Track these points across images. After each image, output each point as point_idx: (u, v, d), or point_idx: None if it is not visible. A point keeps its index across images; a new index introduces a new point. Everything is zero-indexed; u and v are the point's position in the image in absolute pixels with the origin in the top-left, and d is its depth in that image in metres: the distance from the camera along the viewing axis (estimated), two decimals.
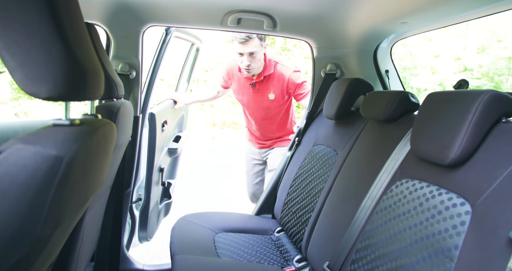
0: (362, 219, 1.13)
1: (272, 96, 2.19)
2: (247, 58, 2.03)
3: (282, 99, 2.21)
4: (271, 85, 2.17)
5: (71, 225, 0.71)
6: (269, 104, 2.23)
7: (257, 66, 2.08)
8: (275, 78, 2.16)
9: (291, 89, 2.17)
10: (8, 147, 0.50)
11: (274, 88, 2.18)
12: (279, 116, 2.30)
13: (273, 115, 2.29)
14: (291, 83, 2.15)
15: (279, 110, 2.27)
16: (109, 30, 1.69)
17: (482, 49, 6.51)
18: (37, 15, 0.51)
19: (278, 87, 2.17)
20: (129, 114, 1.41)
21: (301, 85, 2.17)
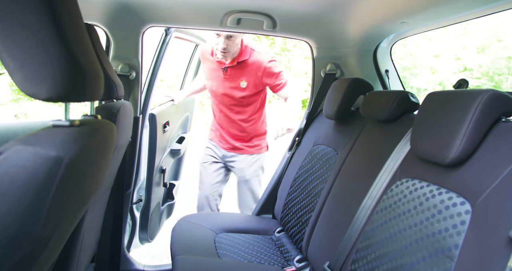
0: (362, 219, 1.13)
1: (244, 84, 2.06)
2: (224, 41, 1.93)
3: (255, 89, 2.08)
4: (244, 72, 2.05)
5: (71, 226, 0.71)
6: (239, 93, 2.08)
7: (233, 50, 1.98)
8: (249, 66, 2.04)
9: (267, 79, 2.05)
10: (8, 148, 0.50)
11: (247, 76, 2.05)
12: (249, 110, 2.16)
13: (243, 107, 2.14)
14: (267, 73, 2.03)
15: (249, 101, 2.13)
16: (108, 30, 1.69)
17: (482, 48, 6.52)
18: (36, 16, 0.51)
19: (252, 75, 2.05)
20: (129, 115, 1.41)
21: (278, 76, 2.06)
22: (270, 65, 2.03)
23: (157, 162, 2.08)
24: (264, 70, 2.02)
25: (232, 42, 1.94)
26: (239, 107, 2.14)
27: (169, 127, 2.24)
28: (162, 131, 2.10)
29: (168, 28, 1.91)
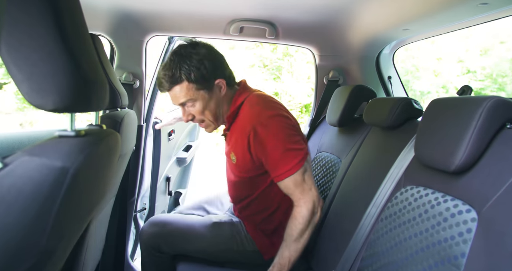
0: (367, 227, 1.12)
1: (233, 158, 1.35)
2: (182, 110, 1.33)
3: (248, 171, 1.33)
4: (233, 138, 1.36)
5: (76, 236, 0.71)
6: (232, 173, 1.42)
7: (209, 118, 1.33)
8: (236, 126, 1.34)
9: (253, 151, 1.26)
10: (15, 159, 0.50)
11: (233, 144, 1.35)
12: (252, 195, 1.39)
13: (242, 192, 1.42)
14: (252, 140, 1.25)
15: (249, 191, 1.39)
16: (113, 40, 1.71)
17: (485, 51, 6.50)
18: (44, 28, 0.52)
19: (238, 144, 1.31)
20: (133, 124, 1.41)
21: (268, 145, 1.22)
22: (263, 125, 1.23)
23: (162, 170, 2.09)
24: (252, 134, 1.24)
25: (193, 108, 1.30)
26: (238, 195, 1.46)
27: (175, 135, 2.24)
28: (167, 139, 2.11)
29: (172, 37, 1.92)
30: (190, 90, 1.25)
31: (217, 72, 1.27)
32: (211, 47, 1.29)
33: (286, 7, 1.46)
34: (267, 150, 1.21)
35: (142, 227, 1.46)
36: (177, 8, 1.50)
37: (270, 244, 1.40)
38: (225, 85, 1.30)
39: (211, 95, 1.28)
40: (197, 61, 1.23)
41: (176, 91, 1.26)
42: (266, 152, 1.22)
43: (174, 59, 1.24)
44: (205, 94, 1.27)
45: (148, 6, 1.48)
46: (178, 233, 1.41)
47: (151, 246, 1.41)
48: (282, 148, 1.21)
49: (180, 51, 1.24)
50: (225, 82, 1.30)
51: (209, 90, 1.27)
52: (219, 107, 1.32)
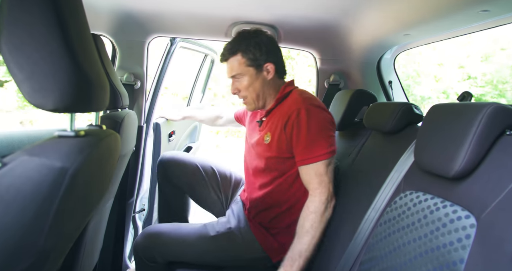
0: (366, 231, 1.12)
1: (267, 139, 1.40)
2: (232, 82, 1.46)
3: (279, 149, 1.37)
4: (272, 121, 1.43)
5: (74, 236, 0.71)
6: (260, 151, 1.44)
7: (252, 96, 1.43)
8: (278, 111, 1.42)
9: (289, 130, 1.33)
10: (14, 158, 0.50)
11: (272, 125, 1.41)
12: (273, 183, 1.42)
13: (263, 176, 1.44)
14: (292, 119, 1.32)
15: (272, 171, 1.41)
16: (114, 40, 1.71)
17: (485, 57, 6.52)
18: (46, 27, 0.52)
19: (278, 124, 1.37)
20: (133, 124, 1.41)
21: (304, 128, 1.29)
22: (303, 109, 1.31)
23: None
24: (291, 115, 1.32)
25: (241, 84, 1.42)
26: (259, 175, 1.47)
27: (175, 136, 2.24)
28: (168, 141, 2.11)
29: (174, 38, 1.93)
30: (241, 64, 1.39)
31: (269, 57, 1.40)
32: (271, 38, 1.45)
33: (288, 10, 1.46)
34: (302, 132, 1.29)
35: (136, 239, 1.44)
36: (179, 9, 1.50)
37: (278, 246, 1.40)
38: (273, 70, 1.41)
39: (258, 75, 1.40)
40: (255, 43, 1.38)
41: (230, 63, 1.41)
42: (300, 134, 1.30)
43: (237, 36, 1.42)
44: (253, 72, 1.39)
45: (151, 7, 1.49)
46: (173, 246, 1.40)
47: (146, 257, 1.42)
48: (315, 134, 1.29)
49: (244, 32, 1.43)
50: (274, 67, 1.41)
51: (257, 70, 1.40)
52: (263, 89, 1.43)
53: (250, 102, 1.45)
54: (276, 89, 1.45)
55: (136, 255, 1.45)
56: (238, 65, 1.39)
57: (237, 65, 1.39)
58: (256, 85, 1.41)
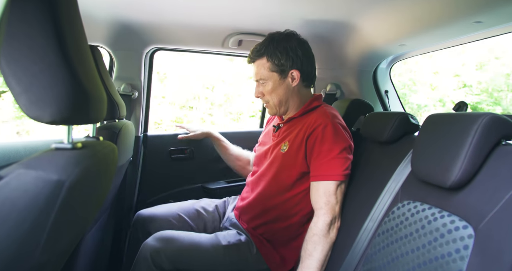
0: (364, 241, 1.11)
1: (284, 148, 1.37)
2: (256, 85, 1.43)
3: (294, 161, 1.33)
4: (292, 130, 1.40)
5: (70, 249, 0.71)
6: (275, 161, 1.40)
7: (274, 102, 1.40)
8: (301, 122, 1.38)
9: (311, 142, 1.30)
10: (10, 171, 0.50)
11: (292, 135, 1.37)
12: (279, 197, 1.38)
13: (270, 188, 1.40)
14: (318, 132, 1.28)
15: (284, 182, 1.36)
16: (112, 51, 1.72)
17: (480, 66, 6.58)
18: (44, 40, 0.52)
19: (299, 134, 1.34)
20: (130, 135, 1.41)
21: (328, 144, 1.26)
22: (328, 125, 1.28)
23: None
24: (315, 129, 1.29)
25: (263, 87, 1.39)
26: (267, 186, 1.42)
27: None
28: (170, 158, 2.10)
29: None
30: (265, 68, 1.36)
31: (295, 64, 1.35)
32: (303, 43, 1.39)
33: (284, 21, 1.48)
34: (323, 148, 1.27)
35: (146, 241, 1.34)
36: (177, 20, 1.52)
37: (280, 260, 1.37)
38: (299, 78, 1.37)
39: (282, 81, 1.37)
40: (283, 48, 1.34)
41: (256, 66, 1.39)
42: (321, 148, 1.27)
43: (267, 39, 1.38)
44: (277, 77, 1.36)
45: (148, 18, 1.50)
46: (184, 252, 1.32)
47: (153, 261, 1.30)
48: (336, 153, 1.26)
49: (274, 35, 1.38)
50: (299, 75, 1.37)
51: (281, 76, 1.36)
52: (287, 96, 1.39)
53: (272, 107, 1.42)
54: (300, 99, 1.42)
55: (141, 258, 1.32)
56: (262, 69, 1.36)
57: (261, 69, 1.37)
58: (280, 91, 1.38)
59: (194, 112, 7.07)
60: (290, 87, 1.38)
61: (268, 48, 1.35)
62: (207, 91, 7.29)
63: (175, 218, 1.55)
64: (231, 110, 7.21)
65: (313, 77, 1.45)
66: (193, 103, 7.11)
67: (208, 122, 7.17)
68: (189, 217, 1.58)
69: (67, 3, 0.57)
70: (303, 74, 1.38)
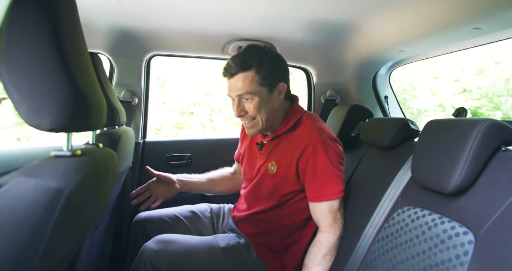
0: (364, 247, 1.11)
1: (273, 168, 1.31)
2: (237, 103, 1.26)
3: (286, 181, 1.29)
4: (277, 148, 1.32)
5: (69, 257, 0.70)
6: (264, 180, 1.34)
7: (263, 118, 1.26)
8: (286, 139, 1.30)
9: (302, 164, 1.24)
10: (9, 180, 0.50)
11: (279, 155, 1.30)
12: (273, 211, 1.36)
13: (264, 205, 1.37)
14: (308, 154, 1.22)
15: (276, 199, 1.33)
16: (112, 58, 1.73)
17: (480, 71, 6.60)
18: (44, 48, 0.52)
19: (286, 154, 1.28)
20: (130, 141, 1.41)
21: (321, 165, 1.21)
22: (324, 144, 1.22)
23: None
24: (309, 149, 1.22)
25: (248, 105, 1.24)
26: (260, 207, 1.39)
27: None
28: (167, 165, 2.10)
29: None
30: (253, 82, 1.20)
31: (283, 76, 1.27)
32: (280, 55, 1.30)
33: (285, 27, 1.48)
34: (318, 168, 1.21)
35: (146, 244, 1.32)
36: (176, 27, 1.52)
37: (280, 266, 1.37)
38: (285, 91, 1.28)
39: (270, 96, 1.25)
40: (271, 59, 1.23)
41: (239, 79, 1.21)
42: (315, 170, 1.21)
43: (250, 49, 1.23)
44: (265, 92, 1.23)
45: (148, 25, 1.51)
46: (183, 254, 1.30)
47: (151, 264, 1.27)
48: (332, 171, 1.21)
49: (256, 45, 1.26)
50: (286, 88, 1.28)
51: (270, 90, 1.24)
52: (275, 111, 1.28)
53: (258, 124, 1.27)
54: (282, 112, 1.31)
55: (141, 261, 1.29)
56: (249, 83, 1.20)
57: (248, 83, 1.20)
58: (268, 107, 1.25)
59: (194, 118, 7.07)
60: (277, 101, 1.27)
61: (256, 58, 1.20)
62: (207, 97, 7.30)
63: (171, 219, 1.55)
64: (231, 115, 7.21)
65: (289, 88, 1.34)
66: (194, 108, 7.12)
67: (209, 127, 7.18)
68: (185, 217, 1.57)
69: (67, 11, 0.58)
70: (288, 86, 1.31)
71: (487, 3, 1.02)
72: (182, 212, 1.60)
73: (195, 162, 2.00)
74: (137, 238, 1.54)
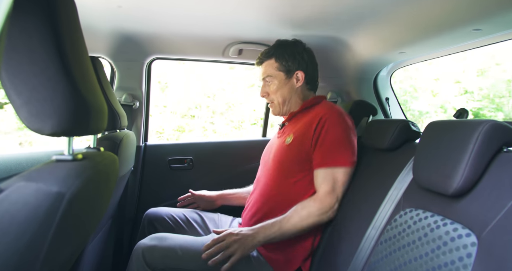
0: (367, 249, 1.11)
1: (289, 139, 1.42)
2: (262, 85, 1.54)
3: (300, 149, 1.36)
4: (296, 124, 1.47)
5: (70, 262, 0.70)
6: (278, 153, 1.44)
7: (279, 101, 1.49)
8: (305, 115, 1.46)
9: (319, 128, 1.34)
10: (11, 184, 0.50)
11: (297, 128, 1.43)
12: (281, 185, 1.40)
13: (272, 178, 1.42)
14: (324, 119, 1.34)
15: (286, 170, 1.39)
16: (113, 62, 1.73)
17: (481, 72, 6.59)
18: (44, 53, 0.52)
19: (303, 126, 1.39)
20: (131, 145, 1.41)
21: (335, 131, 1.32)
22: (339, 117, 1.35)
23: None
24: (320, 119, 1.34)
25: (268, 86, 1.50)
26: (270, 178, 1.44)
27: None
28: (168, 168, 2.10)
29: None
30: (273, 67, 1.48)
31: (301, 65, 1.48)
32: (309, 49, 1.53)
33: (284, 30, 1.49)
34: (330, 133, 1.32)
35: (141, 241, 1.30)
36: (177, 31, 1.53)
37: (284, 260, 1.36)
38: (303, 79, 1.48)
39: (287, 81, 1.48)
40: (290, 51, 1.47)
41: (264, 65, 1.51)
42: (327, 134, 1.32)
43: (276, 43, 1.51)
44: (283, 77, 1.48)
45: (149, 29, 1.51)
46: (177, 250, 1.28)
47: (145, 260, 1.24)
48: (343, 139, 1.33)
49: (283, 41, 1.51)
50: (304, 76, 1.48)
51: (287, 76, 1.48)
52: (291, 95, 1.49)
53: (276, 106, 1.51)
54: (302, 99, 1.51)
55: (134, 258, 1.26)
56: (270, 68, 1.48)
57: (269, 68, 1.48)
58: (284, 91, 1.48)
59: (195, 121, 7.08)
60: (294, 87, 1.48)
61: (277, 51, 1.47)
62: (209, 100, 7.31)
63: (180, 218, 1.60)
64: (232, 118, 7.23)
65: (316, 82, 1.55)
66: (195, 111, 7.13)
67: (210, 130, 7.18)
68: (192, 218, 1.63)
69: (68, 15, 0.58)
70: (307, 76, 1.49)
71: (488, 4, 1.02)
72: (189, 213, 1.63)
73: (196, 165, 2.00)
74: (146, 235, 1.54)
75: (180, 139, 6.74)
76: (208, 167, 2.01)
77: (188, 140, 5.17)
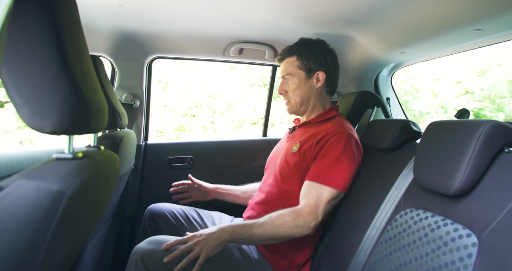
0: (367, 249, 1.10)
1: (295, 148, 1.41)
2: (281, 82, 1.50)
3: (302, 161, 1.36)
4: (305, 133, 1.45)
5: (70, 261, 0.70)
6: (284, 159, 1.43)
7: (296, 100, 1.46)
8: (316, 127, 1.43)
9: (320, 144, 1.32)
10: (11, 182, 0.50)
11: (304, 138, 1.42)
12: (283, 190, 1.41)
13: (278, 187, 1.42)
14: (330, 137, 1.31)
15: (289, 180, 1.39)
16: (114, 61, 1.73)
17: (482, 72, 6.58)
18: (45, 52, 0.52)
19: (311, 137, 1.38)
20: (132, 143, 1.41)
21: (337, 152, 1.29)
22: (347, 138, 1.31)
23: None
24: (331, 134, 1.32)
25: (286, 84, 1.47)
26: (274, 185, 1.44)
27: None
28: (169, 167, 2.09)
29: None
30: (293, 66, 1.44)
31: (323, 66, 1.44)
32: (332, 50, 1.49)
33: (286, 29, 1.49)
34: (332, 152, 1.29)
35: (139, 244, 1.26)
36: (178, 29, 1.53)
37: (287, 265, 1.36)
38: (324, 80, 1.45)
39: (307, 81, 1.45)
40: (313, 50, 1.44)
41: (285, 63, 1.47)
42: (328, 153, 1.29)
43: (299, 41, 1.47)
44: (303, 75, 1.44)
45: (149, 28, 1.51)
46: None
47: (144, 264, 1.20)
48: (343, 162, 1.28)
49: (306, 39, 1.48)
50: (324, 77, 1.45)
51: (307, 75, 1.44)
52: (309, 96, 1.46)
53: (293, 105, 1.47)
54: (321, 103, 1.48)
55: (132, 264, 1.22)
56: (291, 66, 1.45)
57: (290, 66, 1.45)
58: (303, 90, 1.45)
59: (196, 120, 7.08)
60: (313, 87, 1.45)
61: (299, 49, 1.44)
62: (209, 99, 7.31)
63: (180, 215, 1.59)
64: (233, 117, 7.22)
65: (335, 86, 1.51)
66: (195, 111, 7.13)
67: (210, 130, 7.18)
68: (191, 215, 1.62)
69: (69, 13, 0.58)
70: (328, 78, 1.46)
71: (489, 5, 1.01)
72: (187, 210, 1.63)
73: (196, 164, 2.00)
74: (147, 231, 1.55)
75: (181, 138, 6.75)
76: (208, 166, 2.01)
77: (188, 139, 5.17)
